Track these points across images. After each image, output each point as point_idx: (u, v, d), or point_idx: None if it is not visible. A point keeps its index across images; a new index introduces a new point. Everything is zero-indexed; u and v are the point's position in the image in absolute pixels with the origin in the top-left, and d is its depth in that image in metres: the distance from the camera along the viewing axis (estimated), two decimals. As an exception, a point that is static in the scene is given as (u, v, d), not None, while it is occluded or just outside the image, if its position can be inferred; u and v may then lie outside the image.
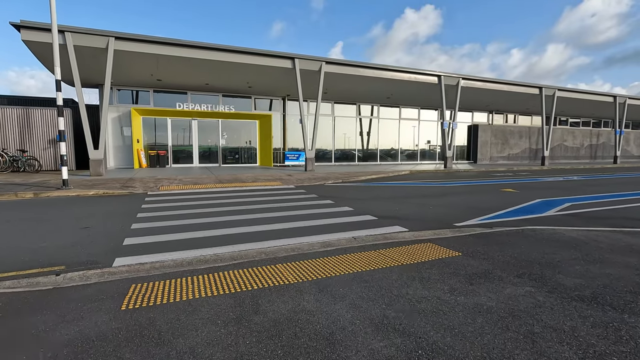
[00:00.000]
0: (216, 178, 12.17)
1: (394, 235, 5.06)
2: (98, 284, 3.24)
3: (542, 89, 20.78)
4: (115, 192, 8.71)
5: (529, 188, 10.79)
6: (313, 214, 6.44)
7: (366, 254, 4.06)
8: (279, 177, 12.85)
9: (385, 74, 16.19)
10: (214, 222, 5.74)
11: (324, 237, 4.93)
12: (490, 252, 4.07)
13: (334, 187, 10.80)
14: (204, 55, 12.80)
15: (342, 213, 6.57)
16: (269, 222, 5.76)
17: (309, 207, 7.21)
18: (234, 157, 19.11)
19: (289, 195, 8.86)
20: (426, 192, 9.67)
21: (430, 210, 6.97)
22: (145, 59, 12.72)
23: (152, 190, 9.31)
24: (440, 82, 17.66)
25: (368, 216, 6.27)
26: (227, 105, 18.44)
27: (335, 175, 13.76)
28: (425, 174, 16.04)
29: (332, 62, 15.03)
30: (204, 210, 6.78)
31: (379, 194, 9.33)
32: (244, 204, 7.44)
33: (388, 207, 7.22)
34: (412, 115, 23.74)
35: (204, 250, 4.29)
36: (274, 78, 15.69)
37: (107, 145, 16.18)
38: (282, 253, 4.16)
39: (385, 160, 23.26)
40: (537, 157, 27.56)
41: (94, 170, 12.02)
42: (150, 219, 5.94)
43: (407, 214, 6.54)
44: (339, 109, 21.39)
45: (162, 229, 5.28)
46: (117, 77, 14.99)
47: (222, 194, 8.99)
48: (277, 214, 6.42)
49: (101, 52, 11.82)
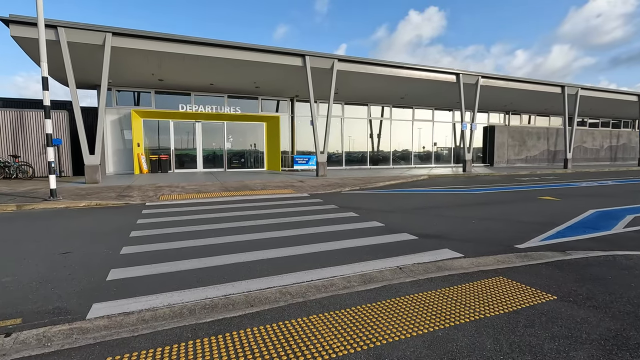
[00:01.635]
0: (222, 185, 11.19)
1: (448, 263, 4.02)
2: (60, 352, 2.25)
3: (565, 87, 19.63)
4: (110, 203, 7.75)
5: (569, 195, 9.69)
6: (338, 232, 5.42)
7: (425, 295, 3.03)
8: (290, 183, 11.85)
9: (401, 72, 15.17)
10: (221, 244, 4.73)
11: (361, 266, 3.90)
12: (596, 294, 3.01)
13: (353, 195, 9.77)
14: (208, 52, 11.86)
15: (372, 230, 5.54)
16: (287, 244, 4.74)
17: (331, 221, 6.18)
18: (239, 161, 18.15)
19: (305, 206, 7.84)
20: (458, 201, 8.61)
21: (474, 226, 5.91)
22: (146, 57, 11.82)
23: (151, 200, 8.33)
24: (459, 81, 16.61)
25: (405, 234, 5.23)
26: (232, 107, 17.50)
27: (351, 181, 12.74)
28: (444, 178, 14.96)
29: (345, 60, 14.04)
30: (209, 226, 5.78)
31: (406, 203, 8.29)
32: (255, 218, 6.43)
33: (424, 222, 6.17)
34: (426, 116, 22.67)
35: (211, 289, 3.27)
36: (283, 77, 14.74)
37: (106, 149, 15.30)
38: (312, 294, 3.15)
39: (398, 163, 22.19)
40: (555, 159, 26.35)
41: (90, 177, 11.09)
42: (144, 240, 4.95)
43: (450, 231, 5.50)
44: (349, 110, 20.38)
45: (157, 255, 4.27)
46: (117, 77, 14.12)
47: (229, 204, 7.99)
48: (295, 232, 5.40)
49: (98, 50, 10.92)
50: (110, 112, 15.36)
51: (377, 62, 14.61)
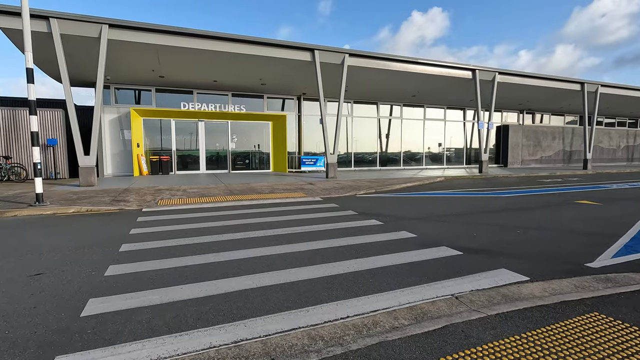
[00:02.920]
0: (226, 188, 10.39)
1: (515, 290, 3.18)
2: None
3: (585, 84, 18.72)
4: (102, 209, 6.96)
5: (608, 199, 8.81)
6: (364, 246, 4.59)
7: (509, 346, 2.19)
8: (300, 186, 11.03)
9: (415, 68, 14.33)
10: (227, 262, 3.92)
11: (406, 294, 3.07)
12: None
13: (370, 199, 8.93)
14: (211, 46, 11.10)
15: (404, 243, 4.70)
16: (306, 261, 3.92)
17: (353, 231, 5.35)
18: (244, 163, 17.36)
19: (320, 212, 7.02)
20: (488, 206, 7.75)
21: (521, 237, 5.06)
22: (145, 51, 11.06)
23: (148, 205, 7.54)
24: (475, 77, 15.75)
25: (444, 249, 4.40)
26: (237, 105, 16.73)
27: (364, 183, 11.90)
28: (462, 180, 14.09)
29: (357, 55, 13.23)
30: (213, 238, 4.97)
31: (432, 209, 7.44)
32: (265, 227, 5.61)
33: (460, 232, 5.33)
34: (438, 115, 21.80)
35: (216, 331, 2.46)
36: (290, 73, 13.95)
37: (105, 150, 14.56)
38: (351, 339, 2.33)
39: (409, 164, 21.32)
40: (571, 159, 25.38)
41: (85, 180, 10.33)
42: (136, 256, 4.15)
43: (497, 244, 4.65)
44: (357, 109, 19.55)
45: (149, 277, 3.47)
46: (115, 74, 13.38)
47: (235, 210, 7.18)
48: (314, 245, 4.58)
49: (94, 43, 10.18)
50: (108, 111, 14.63)
51: (391, 57, 13.78)
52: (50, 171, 12.98)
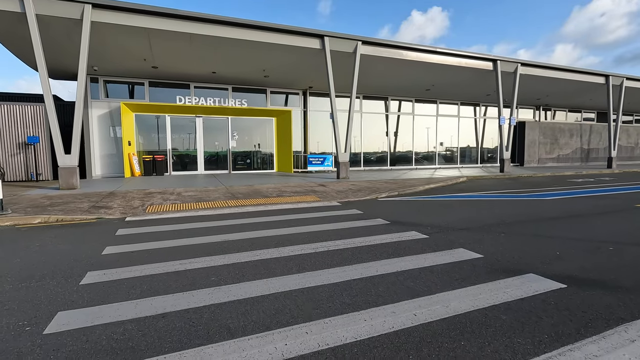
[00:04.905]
0: (227, 190, 9.13)
1: None
2: None
3: (609, 77, 17.49)
4: (76, 219, 5.69)
5: (672, 202, 7.57)
6: (424, 275, 3.32)
7: None
8: (310, 188, 9.76)
9: (433, 58, 13.09)
10: (231, 305, 2.65)
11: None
12: None
13: (395, 204, 7.68)
14: (208, 30, 9.83)
15: (473, 269, 3.44)
16: (348, 304, 2.65)
17: (397, 250, 4.09)
18: (245, 162, 16.07)
19: (342, 220, 5.76)
20: (539, 212, 6.50)
21: (619, 256, 3.81)
22: (134, 36, 9.79)
23: (134, 212, 6.28)
24: (496, 68, 14.51)
25: (538, 278, 3.14)
26: (238, 100, 15.46)
27: (382, 185, 10.64)
28: (485, 180, 12.84)
29: (371, 42, 11.98)
30: (211, 261, 3.70)
31: (475, 215, 6.18)
32: (280, 243, 4.35)
33: (535, 249, 4.07)
34: (451, 111, 20.54)
35: None
36: (296, 64, 12.69)
37: (93, 149, 13.28)
38: None
39: (421, 163, 20.05)
40: (589, 158, 24.16)
41: (65, 182, 9.04)
42: (101, 294, 2.88)
43: (598, 269, 3.39)
44: (366, 105, 18.28)
45: (113, 341, 2.20)
46: (103, 64, 12.10)
47: (239, 219, 5.92)
48: (352, 273, 3.31)
49: (76, 26, 8.91)
50: (97, 106, 13.35)
51: (407, 45, 12.53)
52: (32, 172, 11.70)
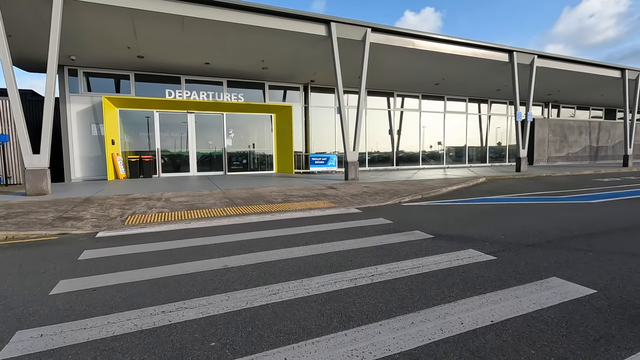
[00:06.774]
0: (224, 195, 7.92)
1: None
2: None
3: (625, 70, 16.60)
4: (32, 235, 4.45)
5: None
6: (522, 325, 2.18)
7: None
8: (319, 190, 8.59)
9: (446, 48, 12.01)
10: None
11: None
12: None
13: (425, 209, 6.54)
14: (199, 12, 8.62)
15: (589, 311, 2.31)
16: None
17: (468, 281, 2.94)
18: (242, 163, 14.83)
19: (371, 234, 4.60)
20: (599, 220, 5.41)
21: None
22: (115, 17, 8.52)
23: (110, 225, 5.05)
24: (512, 60, 13.50)
25: None
26: (233, 94, 14.21)
27: (399, 187, 9.51)
28: (506, 181, 11.80)
29: (381, 30, 10.85)
30: (209, 306, 2.52)
31: (532, 225, 5.05)
32: (300, 271, 3.17)
33: None
34: (459, 108, 19.52)
35: None
36: (298, 54, 11.51)
37: (72, 148, 11.93)
38: None
39: (428, 162, 18.98)
40: (597, 156, 23.37)
41: (33, 186, 7.74)
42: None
43: None
44: (371, 101, 17.14)
45: None
46: (82, 52, 10.77)
47: (241, 233, 4.73)
48: (418, 328, 2.15)
49: (46, 6, 7.63)
50: (77, 101, 12.00)
51: (421, 34, 11.43)
52: (0, 175, 10.35)
